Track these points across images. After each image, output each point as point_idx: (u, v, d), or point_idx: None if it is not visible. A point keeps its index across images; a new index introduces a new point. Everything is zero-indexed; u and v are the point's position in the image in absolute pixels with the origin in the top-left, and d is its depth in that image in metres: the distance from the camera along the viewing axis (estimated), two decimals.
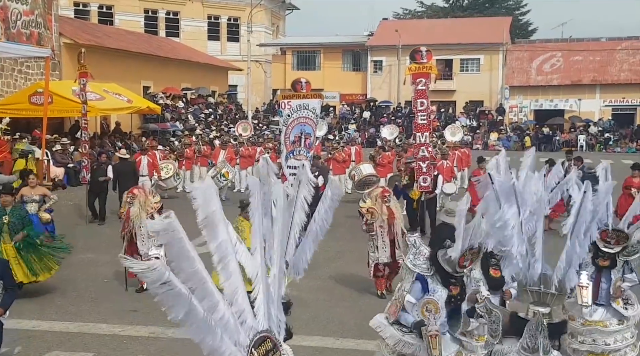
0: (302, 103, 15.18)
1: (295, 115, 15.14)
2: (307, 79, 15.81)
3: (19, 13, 25.26)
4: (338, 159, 20.00)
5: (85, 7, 42.72)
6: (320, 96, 16.20)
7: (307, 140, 15.12)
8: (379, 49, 48.01)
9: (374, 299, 9.94)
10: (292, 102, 15.29)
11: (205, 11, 47.37)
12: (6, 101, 23.07)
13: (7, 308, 6.58)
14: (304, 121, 15.11)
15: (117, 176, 16.20)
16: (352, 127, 43.82)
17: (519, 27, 59.69)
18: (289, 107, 15.25)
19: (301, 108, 15.16)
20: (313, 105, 15.21)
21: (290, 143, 15.13)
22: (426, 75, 14.64)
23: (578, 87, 45.28)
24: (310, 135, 15.11)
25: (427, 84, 14.68)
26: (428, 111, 14.88)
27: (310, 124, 15.16)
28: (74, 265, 11.68)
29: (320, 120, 25.91)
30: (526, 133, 42.98)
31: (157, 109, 29.61)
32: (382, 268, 10.19)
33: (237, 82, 46.91)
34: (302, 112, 15.14)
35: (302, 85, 15.43)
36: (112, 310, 9.47)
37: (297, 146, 15.13)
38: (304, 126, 15.09)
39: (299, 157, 15.05)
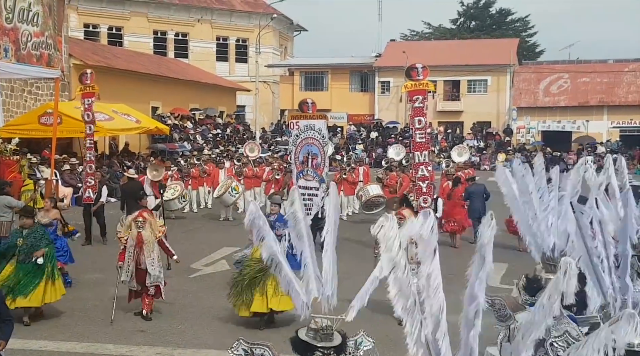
0: (308, 123, 15.43)
1: (303, 136, 15.42)
2: (313, 100, 16.06)
3: (29, 34, 25.51)
4: (349, 180, 20.00)
5: (95, 29, 43.17)
6: (325, 117, 16.37)
7: (314, 161, 15.34)
8: (387, 70, 48.22)
9: (383, 322, 9.84)
10: (300, 122, 15.55)
11: (214, 32, 47.77)
12: (16, 121, 23.25)
13: (7, 340, 6.36)
14: (310, 142, 15.39)
15: (125, 196, 16.15)
16: (360, 147, 43.88)
17: (526, 49, 59.88)
18: (297, 127, 15.53)
19: (308, 128, 15.40)
20: (319, 126, 15.41)
21: (300, 163, 15.46)
22: (423, 92, 14.31)
23: (585, 108, 45.28)
24: (317, 155, 15.31)
25: (424, 101, 14.34)
26: (426, 129, 14.59)
27: (317, 145, 15.36)
28: (82, 285, 11.69)
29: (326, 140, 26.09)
30: (534, 154, 42.84)
31: (166, 130, 29.77)
32: None
33: (245, 102, 47.17)
34: (309, 133, 15.39)
35: (308, 106, 15.71)
36: (119, 330, 9.46)
37: (305, 167, 15.40)
38: (311, 147, 15.38)
39: (308, 177, 15.37)
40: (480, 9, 63.44)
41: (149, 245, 9.84)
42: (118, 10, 43.60)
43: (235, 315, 9.60)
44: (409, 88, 14.28)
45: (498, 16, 63.34)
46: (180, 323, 9.85)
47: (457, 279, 12.20)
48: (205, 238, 16.48)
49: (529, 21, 63.35)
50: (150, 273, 9.87)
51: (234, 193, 19.13)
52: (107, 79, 30.36)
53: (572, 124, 45.68)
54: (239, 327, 9.51)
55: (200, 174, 21.23)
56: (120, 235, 10.02)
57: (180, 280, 12.12)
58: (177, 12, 46.07)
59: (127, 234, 9.93)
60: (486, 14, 63.61)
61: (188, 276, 12.57)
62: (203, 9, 46.97)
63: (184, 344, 9.02)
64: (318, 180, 15.29)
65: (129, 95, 30.29)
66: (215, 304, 10.40)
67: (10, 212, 12.93)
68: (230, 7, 48.33)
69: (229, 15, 48.17)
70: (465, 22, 64.43)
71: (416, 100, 14.16)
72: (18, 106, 25.32)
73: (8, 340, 6.38)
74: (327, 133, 15.87)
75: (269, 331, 9.38)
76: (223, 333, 9.45)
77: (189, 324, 9.81)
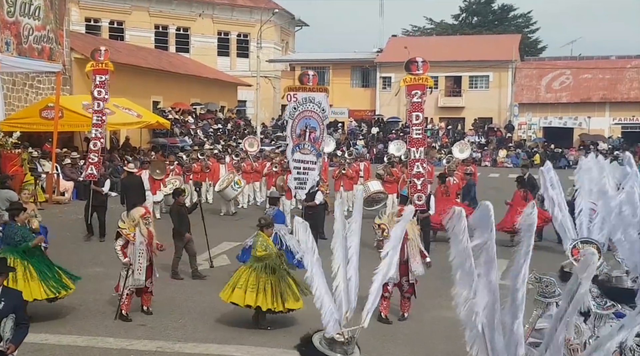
0: (308, 96, 15.10)
1: (301, 108, 15.08)
2: (315, 73, 15.83)
3: (31, 28, 25.51)
4: (348, 175, 19.87)
5: (97, 23, 43.14)
6: (326, 90, 15.96)
7: (312, 134, 15.06)
8: (388, 66, 48.14)
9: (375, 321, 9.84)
10: (297, 94, 15.18)
11: (216, 27, 47.73)
12: (17, 115, 23.26)
13: (18, 345, 6.29)
14: (309, 115, 15.08)
15: (125, 190, 16.07)
16: (361, 143, 43.86)
17: (528, 45, 59.80)
18: (294, 99, 15.16)
19: (307, 101, 15.09)
20: (319, 99, 15.10)
21: (297, 136, 15.14)
22: (422, 87, 13.86)
23: (587, 104, 45.24)
24: (315, 128, 15.05)
25: (422, 96, 13.88)
26: (423, 125, 14.25)
27: (316, 118, 15.08)
28: (83, 278, 11.69)
29: (328, 136, 25.82)
30: (535, 151, 42.87)
31: (167, 124, 29.78)
32: (390, 288, 9.60)
33: (246, 97, 47.14)
34: (307, 105, 15.07)
35: (309, 78, 15.41)
36: (120, 324, 9.47)
37: (302, 140, 15.08)
38: (309, 120, 15.07)
39: (304, 150, 15.10)
40: (483, 5, 63.35)
41: (143, 246, 9.66)
42: (119, 5, 43.55)
43: (236, 309, 9.61)
44: (407, 82, 13.89)
45: (500, 12, 63.25)
46: (180, 317, 9.86)
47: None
48: (210, 233, 16.44)
49: (531, 17, 63.34)
50: (154, 270, 9.88)
51: (237, 187, 19.05)
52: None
53: (574, 121, 45.65)
54: (240, 321, 9.52)
55: (202, 169, 21.19)
56: (127, 232, 9.69)
57: (181, 275, 12.13)
58: (178, 7, 46.02)
59: (132, 231, 9.65)
60: (488, 10, 63.53)
61: (188, 270, 12.57)
62: (204, 3, 46.91)
63: (185, 338, 9.03)
64: (315, 154, 15.05)
65: (130, 89, 30.26)
66: (216, 298, 10.40)
67: None
68: (231, 1, 48.27)
69: (231, 10, 48.11)
70: (467, 17, 64.34)
71: (414, 95, 13.75)
72: (19, 100, 25.31)
73: (19, 345, 6.31)
74: (328, 107, 15.41)
75: (272, 328, 9.39)
76: (223, 327, 9.47)
77: (189, 318, 9.83)
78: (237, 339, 9.02)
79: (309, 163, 15.00)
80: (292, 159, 15.09)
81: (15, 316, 6.25)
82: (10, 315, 6.21)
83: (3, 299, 6.24)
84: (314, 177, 15.06)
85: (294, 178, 15.05)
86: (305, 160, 15.03)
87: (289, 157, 15.47)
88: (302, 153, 15.05)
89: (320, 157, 15.23)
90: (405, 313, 9.97)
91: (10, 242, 9.19)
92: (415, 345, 9.04)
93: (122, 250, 9.64)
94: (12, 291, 6.66)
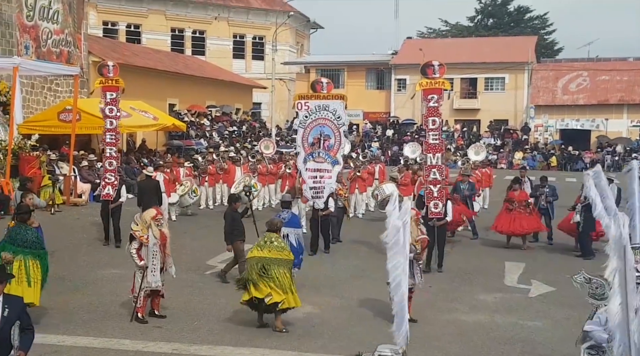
0: (321, 104, 14.71)
1: (314, 116, 14.68)
2: (329, 80, 15.41)
3: (49, 32, 25.78)
4: (363, 177, 19.87)
5: (114, 26, 43.44)
6: (343, 97, 15.40)
7: (327, 142, 14.70)
8: (403, 68, 48.10)
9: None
10: (309, 102, 14.78)
11: (231, 30, 47.91)
12: (36, 118, 23.46)
13: (27, 351, 6.26)
14: (322, 123, 14.69)
15: (141, 193, 15.97)
16: (375, 145, 43.83)
17: (544, 47, 59.48)
18: (306, 108, 14.76)
19: (320, 109, 14.70)
20: (334, 107, 14.70)
21: (309, 145, 14.77)
22: (438, 91, 13.57)
23: (605, 106, 44.91)
24: (329, 136, 14.67)
25: (439, 101, 13.58)
26: (440, 130, 13.87)
27: (330, 126, 14.69)
28: (100, 281, 11.81)
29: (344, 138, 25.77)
30: (551, 153, 42.64)
31: (183, 126, 29.92)
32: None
33: (262, 99, 47.26)
34: (321, 113, 14.67)
35: (322, 86, 14.94)
36: (136, 326, 9.54)
37: (316, 148, 14.74)
38: (323, 127, 14.69)
39: (319, 159, 14.72)
40: (498, 7, 63.09)
41: (155, 247, 9.63)
42: (136, 8, 43.84)
43: (251, 311, 9.65)
44: (423, 86, 13.65)
45: (516, 14, 62.96)
46: (196, 319, 9.92)
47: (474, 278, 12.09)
48: (221, 235, 16.50)
49: (547, 19, 62.97)
50: (169, 271, 9.86)
51: (254, 191, 19.05)
52: (125, 76, 30.34)
53: (591, 123, 45.32)
54: (253, 324, 9.56)
55: (217, 171, 21.26)
56: (140, 234, 9.63)
57: (196, 277, 12.21)
58: (194, 10, 46.25)
59: (145, 233, 9.62)
60: (504, 12, 63.25)
61: (204, 272, 12.65)
62: (220, 6, 47.10)
63: (200, 340, 9.08)
64: (330, 162, 14.70)
65: (147, 92, 30.45)
66: (231, 301, 10.46)
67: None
68: (247, 4, 48.44)
69: (246, 12, 48.28)
70: (482, 19, 64.09)
71: (431, 99, 13.53)
72: (38, 103, 25.56)
73: (28, 351, 6.30)
74: (345, 114, 14.93)
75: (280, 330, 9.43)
76: (239, 329, 9.51)
77: (205, 320, 9.88)
78: (252, 341, 9.06)
79: (325, 172, 14.68)
80: (306, 168, 14.74)
81: (20, 323, 6.25)
82: (16, 322, 6.21)
83: (6, 306, 6.21)
84: (331, 186, 14.75)
85: (309, 188, 14.71)
86: (321, 169, 14.70)
87: (300, 166, 15.13)
88: (316, 162, 14.71)
89: (337, 165, 14.85)
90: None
91: (22, 244, 9.10)
92: (429, 348, 9.04)
93: (137, 252, 9.61)
94: (14, 297, 6.59)
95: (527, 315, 10.42)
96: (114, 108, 16.24)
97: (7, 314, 6.19)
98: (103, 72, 16.45)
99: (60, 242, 11.12)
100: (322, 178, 14.63)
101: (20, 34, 24.14)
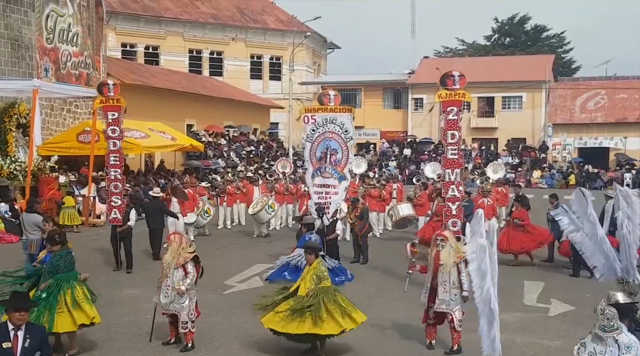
0: (328, 117, 14.21)
1: (321, 130, 14.20)
2: (337, 92, 14.85)
3: (69, 54, 26.14)
4: (372, 195, 19.54)
5: (132, 48, 43.97)
6: (350, 110, 14.66)
7: (333, 157, 14.21)
8: (420, 87, 48.18)
9: (410, 343, 9.77)
10: (316, 115, 14.27)
11: (248, 51, 48.32)
12: (55, 139, 23.73)
13: None
14: (330, 136, 14.21)
15: (147, 214, 16.02)
16: (393, 164, 43.78)
17: (562, 65, 59.36)
18: (313, 121, 14.25)
19: (327, 122, 14.19)
20: (341, 120, 14.19)
21: (317, 160, 14.31)
22: (458, 103, 12.79)
23: (623, 125, 44.66)
24: (336, 151, 14.20)
25: (458, 114, 12.79)
26: (459, 145, 13.08)
27: (337, 139, 14.22)
28: (117, 300, 11.83)
29: (359, 157, 25.57)
30: (570, 172, 42.34)
31: (200, 147, 30.11)
32: (431, 315, 9.18)
33: (279, 119, 47.51)
34: (328, 127, 14.18)
35: (329, 98, 14.39)
36: (154, 346, 9.53)
37: (323, 163, 14.27)
38: (330, 141, 14.22)
39: (326, 174, 14.27)
40: (515, 26, 63.13)
41: (166, 270, 9.17)
42: (154, 30, 44.38)
43: (268, 333, 9.61)
44: (443, 98, 12.94)
45: (533, 32, 62.96)
46: (213, 340, 9.89)
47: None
48: (239, 255, 16.55)
49: (564, 37, 62.95)
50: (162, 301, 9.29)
51: (270, 211, 19.00)
52: (144, 97, 30.90)
53: (610, 141, 45.03)
54: (272, 344, 9.52)
55: (235, 191, 21.31)
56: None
57: (214, 297, 12.20)
58: (212, 31, 46.72)
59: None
60: (521, 31, 63.28)
61: (222, 292, 12.63)
62: (237, 27, 47.56)
63: None
64: (337, 178, 14.20)
65: (165, 112, 30.73)
66: (249, 321, 10.43)
67: (39, 230, 12.58)
68: (264, 25, 48.87)
69: (263, 33, 48.69)
70: (499, 38, 64.13)
71: (450, 112, 12.82)
72: (57, 124, 25.85)
73: None
74: (352, 127, 14.35)
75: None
76: (256, 350, 9.47)
77: (222, 341, 9.85)
78: None
79: (330, 188, 14.21)
80: (313, 184, 14.34)
81: (40, 353, 6.23)
82: (36, 353, 6.17)
83: (28, 336, 6.17)
84: (338, 202, 14.35)
85: (314, 203, 14.26)
86: (327, 185, 14.24)
87: (308, 182, 14.71)
88: (323, 178, 14.26)
89: (344, 180, 14.32)
90: (454, 345, 9.12)
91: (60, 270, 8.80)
92: None
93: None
94: (36, 326, 6.53)
95: (547, 335, 10.29)
96: (116, 128, 15.53)
97: (27, 345, 6.15)
98: (103, 91, 15.72)
99: (78, 263, 11.19)
100: (328, 194, 14.17)
101: (40, 56, 24.50)
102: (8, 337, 6.11)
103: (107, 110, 15.70)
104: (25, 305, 6.36)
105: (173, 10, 45.39)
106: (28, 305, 6.50)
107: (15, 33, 23.39)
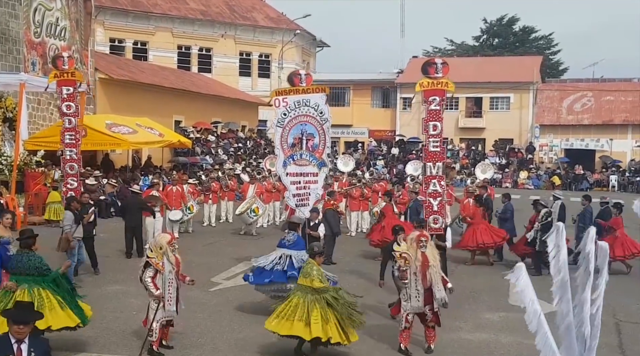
0: (301, 99, 12.84)
1: (293, 114, 12.84)
2: (308, 72, 13.56)
3: (56, 48, 25.97)
4: (354, 196, 19.65)
5: (121, 43, 43.75)
6: (324, 89, 13.26)
7: (310, 142, 12.93)
8: (409, 86, 48.09)
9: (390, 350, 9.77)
10: (288, 98, 12.85)
11: (237, 48, 48.20)
12: (41, 134, 23.59)
13: None
14: (304, 120, 12.90)
15: (123, 211, 16.07)
16: (380, 163, 43.87)
17: (549, 67, 59.66)
18: (284, 104, 12.83)
19: (300, 104, 12.85)
20: (315, 101, 12.87)
21: (289, 147, 12.91)
22: (441, 93, 11.96)
23: (609, 127, 44.98)
24: (313, 135, 12.90)
25: (441, 103, 11.99)
26: (442, 136, 12.28)
27: (313, 123, 12.91)
28: (103, 296, 11.78)
29: (347, 155, 25.56)
30: (556, 173, 42.61)
31: (188, 143, 30.04)
32: (410, 319, 9.11)
33: (267, 116, 47.36)
34: (301, 109, 12.85)
35: (301, 78, 13.04)
36: (140, 342, 9.49)
37: (297, 149, 12.93)
38: (305, 125, 12.90)
39: (301, 162, 12.98)
40: (504, 26, 63.36)
41: (169, 279, 8.93)
42: (143, 26, 44.17)
43: (255, 328, 9.62)
44: (424, 86, 12.04)
45: (521, 34, 63.22)
46: (199, 336, 9.89)
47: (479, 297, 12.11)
48: (226, 252, 16.54)
49: (552, 39, 63.22)
50: (180, 301, 9.17)
51: (252, 215, 18.60)
52: (132, 92, 30.79)
53: (596, 143, 45.35)
54: (258, 341, 9.52)
55: (222, 188, 21.26)
56: (156, 261, 8.80)
57: (200, 294, 12.18)
58: (201, 28, 46.58)
59: (161, 259, 8.81)
60: (509, 32, 63.53)
61: (208, 289, 12.62)
62: (227, 24, 47.43)
63: None
64: (316, 164, 12.97)
65: (153, 108, 30.61)
66: (235, 318, 10.43)
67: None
68: (253, 22, 48.77)
69: (253, 30, 48.60)
70: (488, 39, 64.35)
71: (432, 102, 12.03)
72: (44, 119, 25.69)
73: None
74: (328, 109, 13.05)
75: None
76: (242, 346, 9.47)
77: (208, 337, 9.84)
78: None
79: (310, 176, 12.94)
80: (286, 173, 12.90)
81: None
82: None
83: (33, 351, 5.76)
84: (318, 191, 13.21)
85: (292, 195, 12.96)
86: (305, 173, 12.93)
87: (279, 171, 13.19)
88: (298, 165, 12.89)
89: (324, 167, 13.15)
90: (432, 344, 9.26)
91: (30, 272, 8.56)
92: None
93: (152, 281, 8.76)
94: (40, 340, 6.18)
95: (532, 335, 10.32)
96: (71, 104, 14.64)
97: None
98: (57, 64, 14.77)
99: (62, 259, 11.15)
100: (308, 183, 12.92)
101: (27, 50, 24.35)
102: (11, 350, 5.66)
103: (62, 85, 14.71)
104: (27, 319, 5.78)
105: (162, 6, 45.19)
106: (32, 317, 5.97)
107: (3, 26, 23.22)
